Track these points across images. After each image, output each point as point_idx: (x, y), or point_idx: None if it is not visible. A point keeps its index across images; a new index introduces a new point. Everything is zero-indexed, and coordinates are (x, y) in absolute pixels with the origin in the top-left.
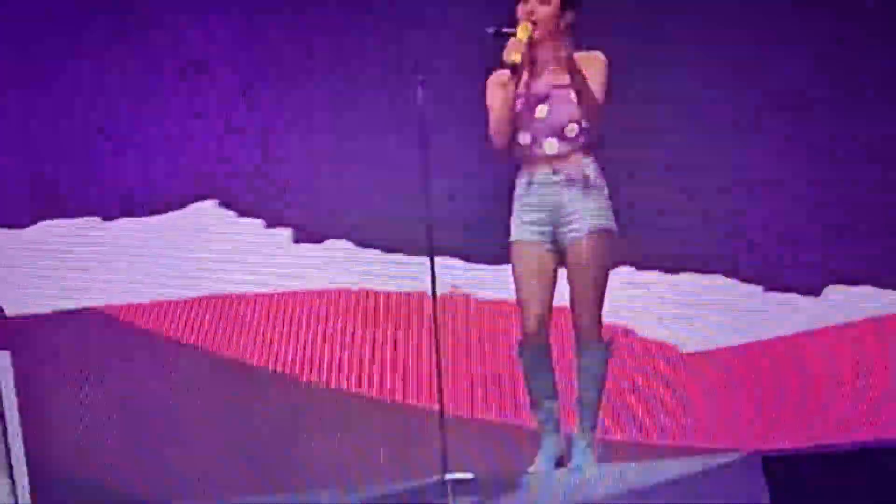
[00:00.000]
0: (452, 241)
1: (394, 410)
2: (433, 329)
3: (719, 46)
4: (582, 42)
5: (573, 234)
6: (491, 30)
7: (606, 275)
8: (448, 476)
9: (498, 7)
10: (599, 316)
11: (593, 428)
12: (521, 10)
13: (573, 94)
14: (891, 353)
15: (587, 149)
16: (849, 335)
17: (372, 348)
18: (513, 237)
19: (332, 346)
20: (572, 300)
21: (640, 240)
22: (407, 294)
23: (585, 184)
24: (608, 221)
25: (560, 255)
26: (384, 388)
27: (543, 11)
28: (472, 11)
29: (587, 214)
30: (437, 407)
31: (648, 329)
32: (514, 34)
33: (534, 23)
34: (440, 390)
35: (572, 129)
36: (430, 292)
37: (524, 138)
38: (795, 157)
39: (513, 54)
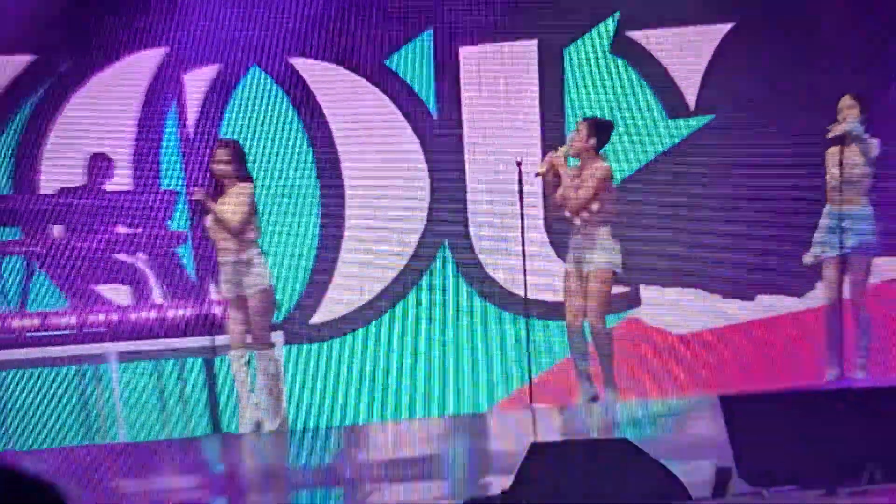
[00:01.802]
0: None
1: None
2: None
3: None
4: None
5: (587, 267)
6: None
7: (607, 291)
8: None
9: None
10: (602, 315)
11: (613, 381)
12: (571, 135)
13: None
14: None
15: (604, 220)
16: (770, 324)
17: None
18: (566, 265)
19: None
20: (586, 306)
21: (645, 266)
22: None
23: (594, 241)
24: (607, 263)
25: (584, 279)
26: None
27: (575, 139)
28: None
29: (592, 258)
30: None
31: (651, 319)
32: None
33: (572, 146)
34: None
35: (584, 214)
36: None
37: (567, 212)
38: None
39: (538, 168)
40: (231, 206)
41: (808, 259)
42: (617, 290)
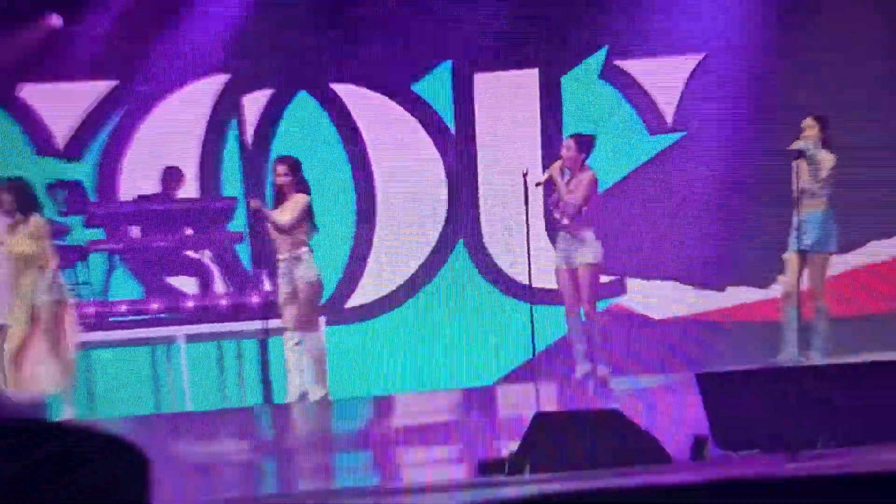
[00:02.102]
0: None
1: None
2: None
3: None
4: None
5: (577, 263)
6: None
7: (596, 283)
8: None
9: None
10: (594, 302)
11: (605, 359)
12: (563, 150)
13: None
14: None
15: (588, 222)
16: (738, 311)
17: None
18: (555, 264)
19: None
20: (580, 297)
21: (629, 262)
22: None
23: (583, 240)
24: (594, 258)
25: (575, 274)
26: None
27: (566, 154)
28: None
29: (581, 255)
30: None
31: (636, 307)
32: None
33: (565, 160)
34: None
35: (575, 216)
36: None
37: (558, 215)
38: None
39: (539, 179)
40: (287, 213)
41: (785, 256)
42: (604, 279)
